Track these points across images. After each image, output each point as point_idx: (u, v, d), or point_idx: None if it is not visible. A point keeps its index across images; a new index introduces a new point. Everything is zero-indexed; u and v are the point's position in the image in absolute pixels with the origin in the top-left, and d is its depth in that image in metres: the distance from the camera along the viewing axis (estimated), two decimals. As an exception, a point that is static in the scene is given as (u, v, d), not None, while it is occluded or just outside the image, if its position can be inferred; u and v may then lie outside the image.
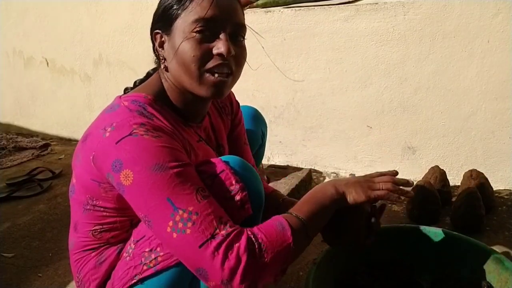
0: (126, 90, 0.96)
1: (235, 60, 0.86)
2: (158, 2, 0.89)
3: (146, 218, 0.75)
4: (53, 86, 2.94)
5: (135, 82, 0.98)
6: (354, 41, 1.86)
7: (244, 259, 0.70)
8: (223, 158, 0.85)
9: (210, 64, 0.83)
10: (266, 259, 0.72)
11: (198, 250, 0.70)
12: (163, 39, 0.87)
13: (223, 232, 0.71)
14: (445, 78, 1.75)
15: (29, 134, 3.14)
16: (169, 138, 0.78)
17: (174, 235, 0.72)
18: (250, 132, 1.29)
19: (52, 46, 2.86)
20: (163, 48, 0.88)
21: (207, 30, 0.82)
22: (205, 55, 0.82)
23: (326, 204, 0.86)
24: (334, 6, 1.87)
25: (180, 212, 0.71)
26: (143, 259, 0.82)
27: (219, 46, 0.82)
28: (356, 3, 1.86)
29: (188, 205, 0.72)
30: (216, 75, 0.84)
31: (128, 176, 0.74)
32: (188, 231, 0.71)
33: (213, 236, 0.70)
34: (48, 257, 1.50)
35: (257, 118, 1.41)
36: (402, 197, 0.90)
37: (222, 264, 0.69)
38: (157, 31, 0.88)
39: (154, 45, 0.90)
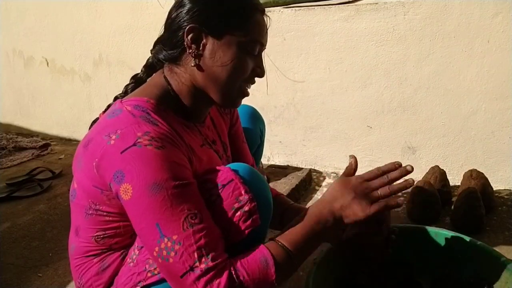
0: (126, 87, 0.96)
1: None
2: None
3: (139, 236, 0.79)
4: (53, 86, 2.94)
5: (133, 77, 0.98)
6: (354, 41, 1.86)
7: None
8: (232, 166, 0.84)
9: (247, 81, 0.91)
10: None
11: (179, 279, 0.73)
12: (204, 39, 0.85)
13: (202, 266, 0.72)
14: (445, 78, 1.75)
15: (29, 134, 3.14)
16: (172, 149, 0.78)
17: (159, 260, 0.74)
18: (248, 131, 1.28)
19: (52, 46, 2.86)
20: (198, 45, 0.85)
21: (258, 53, 0.91)
22: (250, 73, 0.90)
23: (321, 233, 0.84)
24: (334, 6, 1.87)
25: (165, 240, 0.73)
26: (147, 266, 0.82)
27: (262, 69, 0.92)
28: (356, 3, 1.85)
29: (173, 233, 0.73)
30: (247, 91, 0.93)
31: (127, 191, 0.75)
32: (171, 260, 0.73)
33: (191, 269, 0.72)
34: (48, 257, 1.50)
35: (255, 117, 1.39)
36: (402, 198, 0.90)
37: None
38: (200, 27, 0.84)
39: (179, 36, 0.85)
